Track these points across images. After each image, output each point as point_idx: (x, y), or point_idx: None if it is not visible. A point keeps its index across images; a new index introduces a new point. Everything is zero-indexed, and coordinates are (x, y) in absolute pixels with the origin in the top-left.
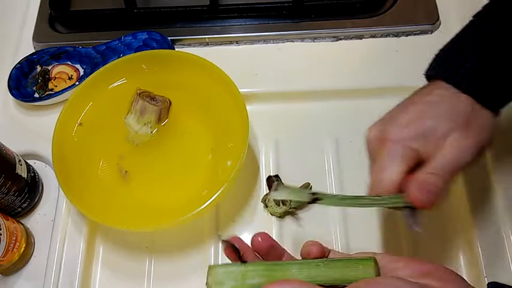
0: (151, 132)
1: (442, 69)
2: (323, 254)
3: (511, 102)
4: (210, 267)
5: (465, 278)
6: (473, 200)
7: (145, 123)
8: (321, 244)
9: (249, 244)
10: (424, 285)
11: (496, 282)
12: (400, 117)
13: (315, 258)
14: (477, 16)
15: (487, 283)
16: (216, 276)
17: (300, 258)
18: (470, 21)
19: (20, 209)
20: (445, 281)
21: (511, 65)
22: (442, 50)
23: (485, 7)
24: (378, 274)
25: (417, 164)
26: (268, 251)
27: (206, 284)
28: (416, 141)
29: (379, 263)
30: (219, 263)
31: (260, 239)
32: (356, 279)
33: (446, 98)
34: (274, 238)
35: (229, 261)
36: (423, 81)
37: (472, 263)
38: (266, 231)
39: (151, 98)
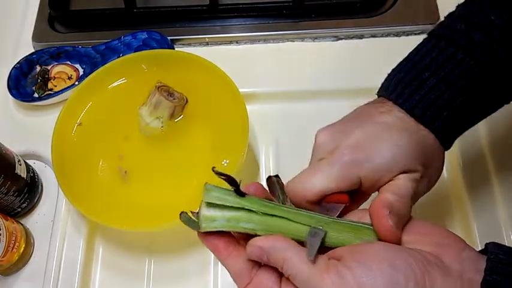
0: (162, 126)
1: (397, 94)
2: None
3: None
4: (206, 194)
5: None
6: (474, 199)
7: (157, 117)
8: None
9: None
10: (414, 250)
11: (495, 242)
12: (355, 132)
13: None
14: (431, 35)
15: (486, 243)
16: (208, 211)
17: None
18: (425, 40)
19: (19, 209)
20: (440, 245)
21: (473, 101)
22: (395, 72)
23: (441, 25)
24: None
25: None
26: None
27: (198, 213)
28: (364, 168)
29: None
30: (219, 262)
31: (252, 189)
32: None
33: (406, 125)
34: None
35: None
36: None
37: None
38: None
39: (169, 93)
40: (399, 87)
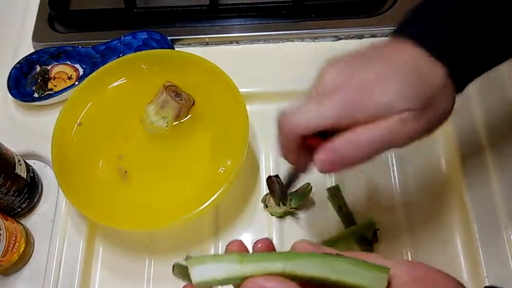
0: (166, 126)
1: (416, 30)
2: None
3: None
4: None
5: (465, 278)
6: (474, 199)
7: (162, 117)
8: (310, 243)
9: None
10: None
11: (493, 286)
12: (363, 73)
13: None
14: None
15: (484, 286)
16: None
17: None
18: None
19: (19, 209)
20: (438, 287)
21: (490, 36)
22: (413, 10)
23: None
24: None
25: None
26: None
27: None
28: (363, 110)
29: None
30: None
31: (260, 245)
32: (358, 286)
33: (420, 63)
34: (274, 239)
35: None
36: None
37: (472, 263)
38: (267, 236)
39: (176, 93)
40: (416, 25)
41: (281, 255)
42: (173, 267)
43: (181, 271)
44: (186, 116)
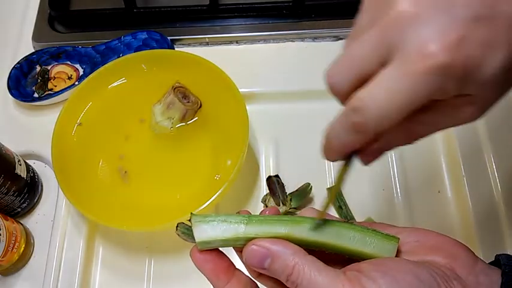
0: (171, 127)
1: None
2: None
3: None
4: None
5: None
6: (474, 198)
7: (168, 117)
8: (318, 211)
9: None
10: (428, 262)
11: (507, 254)
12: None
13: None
14: None
15: (496, 254)
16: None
17: None
18: None
19: (19, 209)
20: (452, 257)
21: None
22: None
23: None
24: None
25: None
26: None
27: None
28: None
29: None
30: None
31: (267, 213)
32: (365, 255)
33: None
34: None
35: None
36: None
37: None
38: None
39: (184, 95)
40: None
41: (288, 218)
42: (177, 225)
43: (185, 230)
44: (192, 119)
